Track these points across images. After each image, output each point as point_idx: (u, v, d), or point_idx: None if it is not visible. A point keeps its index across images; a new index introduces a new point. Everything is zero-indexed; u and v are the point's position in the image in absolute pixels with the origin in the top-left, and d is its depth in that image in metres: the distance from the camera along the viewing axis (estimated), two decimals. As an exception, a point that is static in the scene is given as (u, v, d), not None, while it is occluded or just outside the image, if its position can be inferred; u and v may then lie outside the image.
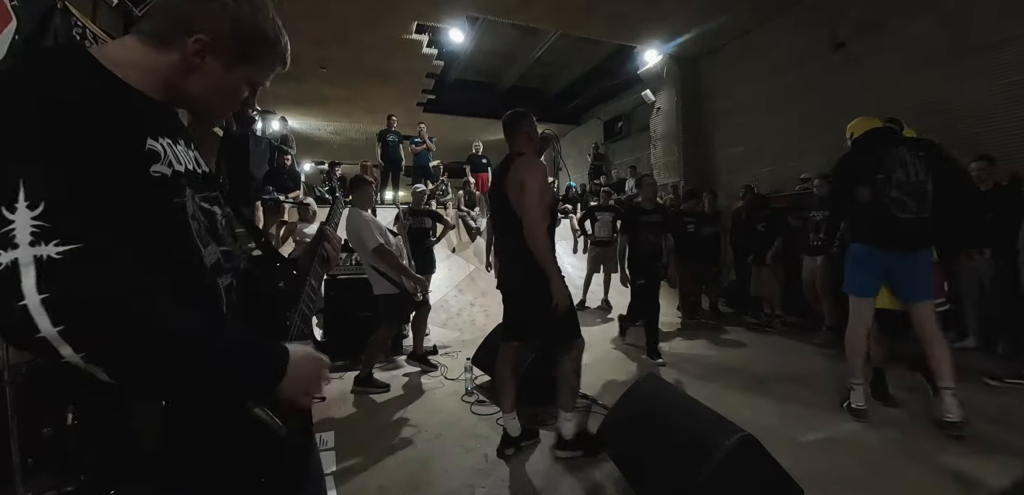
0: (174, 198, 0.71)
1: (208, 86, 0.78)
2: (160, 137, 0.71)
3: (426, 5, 6.48)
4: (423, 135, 9.20)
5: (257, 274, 0.94)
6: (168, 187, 0.70)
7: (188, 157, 0.79)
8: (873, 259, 2.70)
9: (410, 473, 2.40)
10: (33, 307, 0.51)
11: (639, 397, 2.26)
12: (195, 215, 0.75)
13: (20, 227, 0.53)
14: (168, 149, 0.72)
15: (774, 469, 1.69)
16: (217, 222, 0.82)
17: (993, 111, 4.45)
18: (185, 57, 0.74)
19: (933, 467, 2.25)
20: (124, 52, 0.72)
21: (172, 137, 0.75)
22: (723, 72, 7.68)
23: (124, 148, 0.64)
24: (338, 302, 4.46)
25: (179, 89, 0.76)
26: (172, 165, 0.71)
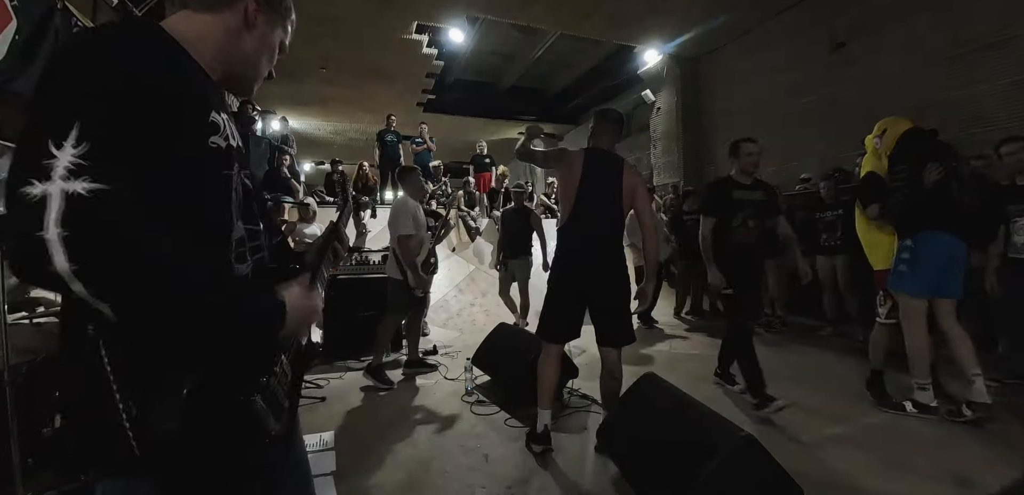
0: (224, 169, 0.77)
1: (260, 45, 0.85)
2: (219, 113, 0.76)
3: (426, 5, 6.48)
4: (424, 135, 9.19)
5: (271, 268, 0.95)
6: (221, 158, 0.75)
7: (236, 135, 0.84)
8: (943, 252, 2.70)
9: (410, 473, 2.40)
10: (51, 241, 0.53)
11: (639, 397, 2.26)
12: (236, 189, 0.80)
13: (60, 161, 0.56)
14: (225, 124, 0.77)
15: (774, 469, 1.69)
16: (252, 201, 0.87)
17: (993, 111, 4.45)
18: (245, 17, 0.81)
19: (933, 467, 2.25)
20: (184, 24, 0.77)
21: (227, 113, 0.80)
22: (723, 72, 7.68)
23: (190, 117, 0.71)
24: (338, 302, 4.45)
25: (232, 54, 0.82)
26: (227, 139, 0.77)
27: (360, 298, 4.49)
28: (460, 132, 12.38)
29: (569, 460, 2.45)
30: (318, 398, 3.47)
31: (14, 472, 1.73)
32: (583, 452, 2.53)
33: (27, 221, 0.54)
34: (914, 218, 2.78)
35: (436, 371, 4.06)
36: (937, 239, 2.70)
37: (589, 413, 3.02)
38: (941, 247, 2.70)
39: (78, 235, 0.55)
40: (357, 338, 4.45)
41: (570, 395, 3.28)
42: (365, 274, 4.68)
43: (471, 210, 8.38)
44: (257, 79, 0.91)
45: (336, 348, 4.40)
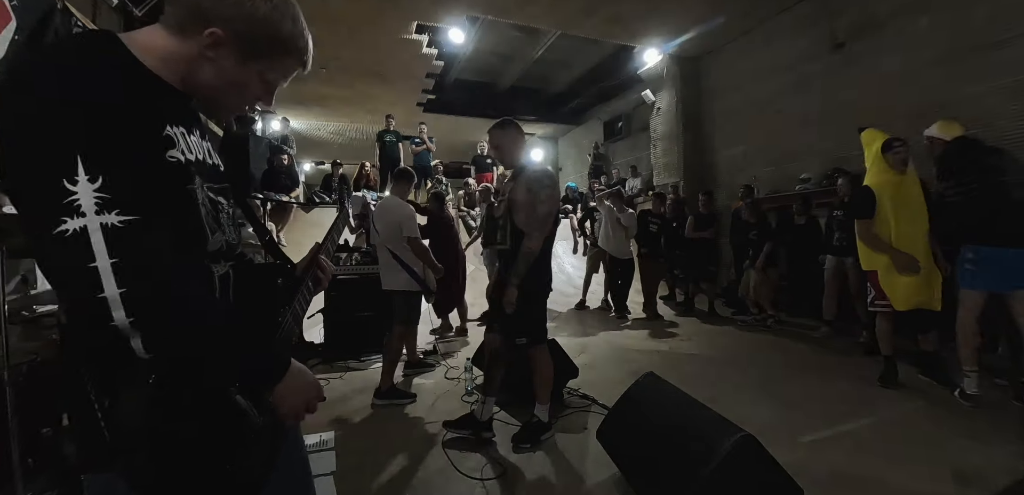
0: (186, 184, 0.75)
1: (220, 79, 0.80)
2: (175, 125, 0.75)
3: (426, 5, 6.48)
4: (423, 135, 9.19)
5: (258, 268, 0.96)
6: (181, 173, 0.74)
7: (200, 147, 0.82)
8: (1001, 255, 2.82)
9: (410, 473, 2.40)
10: (103, 270, 0.57)
11: (639, 397, 2.26)
12: (204, 203, 0.79)
13: (84, 197, 0.58)
14: (181, 138, 0.75)
15: (774, 469, 1.69)
16: (222, 212, 0.86)
17: (993, 111, 4.45)
18: (200, 48, 0.77)
19: (933, 467, 2.25)
20: (149, 40, 0.76)
21: (187, 126, 0.79)
22: (723, 72, 7.68)
23: (147, 133, 0.69)
24: (338, 302, 4.46)
25: (193, 79, 0.79)
26: (184, 153, 0.75)
27: (360, 298, 4.49)
28: (460, 132, 12.37)
29: (569, 460, 2.46)
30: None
31: (14, 472, 1.73)
32: (583, 452, 2.53)
33: (74, 255, 0.57)
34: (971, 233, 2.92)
35: (434, 370, 4.06)
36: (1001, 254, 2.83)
37: (589, 413, 3.02)
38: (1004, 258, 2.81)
39: (126, 262, 0.58)
40: (357, 338, 4.45)
41: (570, 395, 3.28)
42: (365, 274, 4.67)
43: (471, 210, 8.39)
44: (222, 109, 0.89)
45: (336, 348, 4.40)
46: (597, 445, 2.32)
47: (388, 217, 3.57)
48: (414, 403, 3.36)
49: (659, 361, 4.21)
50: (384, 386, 3.37)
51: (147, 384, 0.67)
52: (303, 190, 10.02)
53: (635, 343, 4.92)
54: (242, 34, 0.78)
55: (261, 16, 0.78)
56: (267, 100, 0.89)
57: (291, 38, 0.83)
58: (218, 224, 0.83)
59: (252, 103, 0.89)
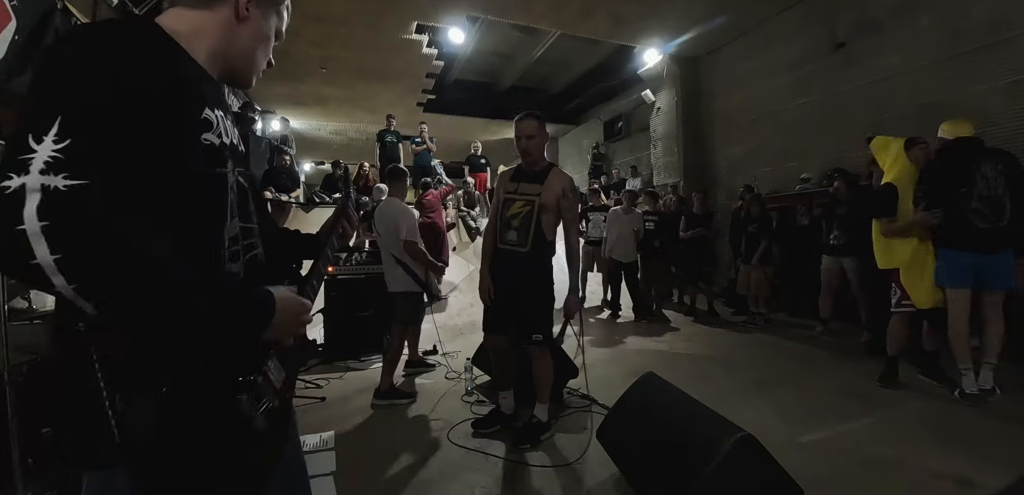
0: (217, 166, 0.77)
1: (255, 37, 0.84)
2: (215, 108, 0.77)
3: (426, 5, 6.48)
4: (424, 135, 9.19)
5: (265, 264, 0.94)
6: (214, 155, 0.76)
7: (232, 132, 0.84)
8: (961, 258, 3.00)
9: (410, 473, 2.40)
10: (32, 233, 0.53)
11: (639, 397, 2.26)
12: (232, 186, 0.80)
13: (39, 157, 0.55)
14: (220, 121, 0.78)
15: (774, 469, 1.69)
16: (248, 199, 0.88)
17: (993, 111, 4.45)
18: (236, 10, 0.80)
19: (933, 467, 2.25)
20: (179, 22, 0.76)
21: (223, 109, 0.81)
22: (723, 72, 7.68)
23: (183, 114, 0.70)
24: (338, 302, 4.46)
25: (228, 47, 0.81)
26: (221, 136, 0.77)
27: (360, 298, 4.49)
28: (460, 132, 12.37)
29: (569, 460, 2.45)
30: (318, 398, 3.47)
31: (14, 472, 1.73)
32: (583, 452, 2.53)
33: (5, 214, 0.53)
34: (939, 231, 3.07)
35: (433, 370, 4.06)
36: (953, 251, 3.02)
37: (589, 413, 3.02)
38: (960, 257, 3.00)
39: (59, 228, 0.54)
40: (357, 338, 4.45)
41: (570, 395, 3.28)
42: (362, 274, 4.67)
43: (471, 210, 8.39)
44: (254, 71, 0.90)
45: (336, 348, 4.40)
46: (597, 445, 2.32)
47: (387, 221, 3.56)
48: (414, 403, 3.36)
49: (659, 361, 4.21)
50: (384, 386, 3.37)
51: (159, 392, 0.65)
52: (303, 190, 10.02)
53: (635, 343, 4.92)
54: None
55: None
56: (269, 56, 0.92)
57: None
58: (241, 211, 0.84)
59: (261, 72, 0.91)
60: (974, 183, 2.96)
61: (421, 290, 3.54)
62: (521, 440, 2.60)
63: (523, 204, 2.53)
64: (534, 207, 2.49)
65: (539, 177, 2.54)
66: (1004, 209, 2.91)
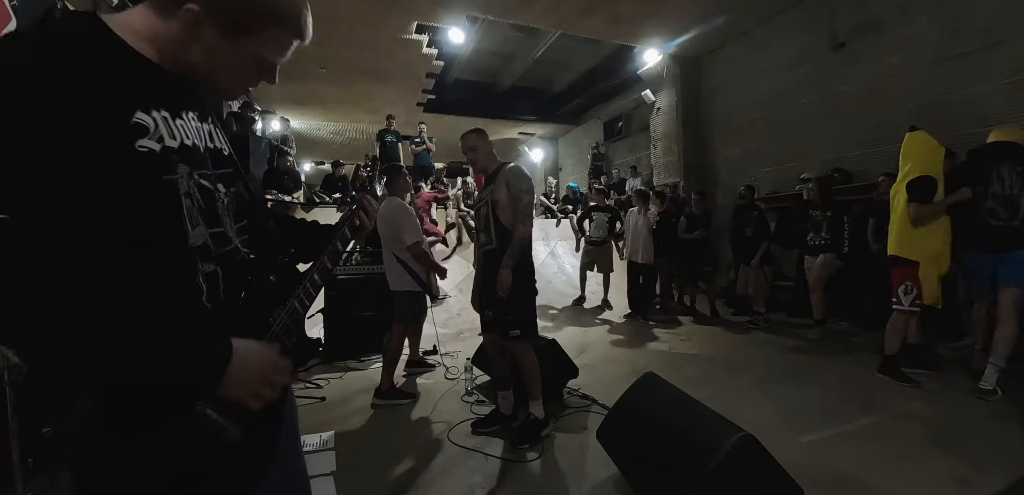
0: (163, 174, 0.68)
1: (209, 58, 0.74)
2: (155, 110, 0.68)
3: (426, 5, 6.47)
4: (423, 135, 9.19)
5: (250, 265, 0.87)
6: (155, 163, 0.67)
7: (194, 132, 0.76)
8: (978, 260, 3.18)
9: (410, 473, 2.40)
10: None
11: (639, 397, 2.26)
12: (190, 193, 0.72)
13: None
14: (162, 123, 0.69)
15: (774, 469, 1.69)
16: (217, 202, 0.79)
17: (993, 111, 4.45)
18: (183, 27, 0.71)
19: (933, 467, 2.25)
20: (137, 20, 0.72)
21: (175, 109, 0.73)
22: (723, 72, 7.68)
23: (104, 124, 0.62)
24: (338, 302, 4.46)
25: (184, 60, 0.74)
26: (163, 140, 0.69)
27: (360, 298, 4.49)
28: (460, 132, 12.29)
29: (569, 460, 2.46)
30: (318, 398, 3.47)
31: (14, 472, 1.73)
32: (583, 452, 2.53)
33: None
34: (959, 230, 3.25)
35: (433, 370, 4.06)
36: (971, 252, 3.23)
37: (589, 413, 3.02)
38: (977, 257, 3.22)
39: None
40: (357, 338, 4.45)
41: (570, 395, 3.28)
42: (362, 274, 4.67)
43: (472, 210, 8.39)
44: (217, 89, 0.81)
45: (336, 348, 4.40)
46: (597, 445, 2.32)
47: (388, 221, 3.55)
48: (414, 403, 3.36)
49: (659, 361, 4.21)
50: (384, 386, 3.37)
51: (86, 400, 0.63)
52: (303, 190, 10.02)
53: (635, 343, 4.92)
54: (222, 9, 0.71)
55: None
56: (269, 78, 0.83)
57: (283, 10, 0.77)
58: (207, 217, 0.76)
59: (253, 82, 0.83)
60: (990, 182, 3.07)
61: (422, 290, 3.53)
62: (520, 440, 2.60)
63: (484, 206, 2.72)
64: (489, 205, 2.66)
65: (492, 179, 2.73)
66: (1018, 208, 2.99)
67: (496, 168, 2.74)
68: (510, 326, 2.61)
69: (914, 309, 3.29)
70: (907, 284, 3.28)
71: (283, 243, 1.04)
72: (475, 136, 2.78)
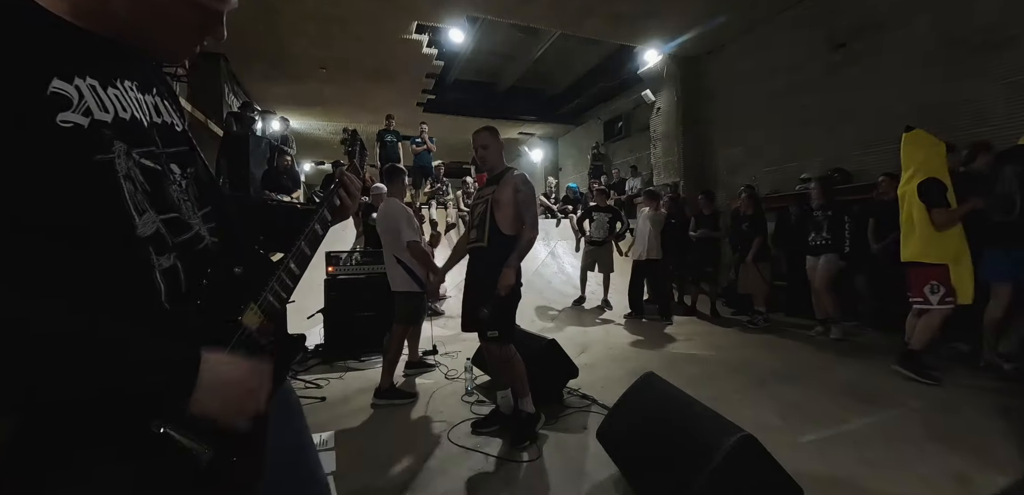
0: (95, 154, 0.57)
1: (134, 6, 0.62)
2: (78, 77, 0.57)
3: (426, 5, 6.48)
4: (424, 135, 9.19)
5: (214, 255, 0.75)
6: (83, 140, 0.56)
7: (133, 103, 0.65)
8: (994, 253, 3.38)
9: (410, 473, 2.40)
10: None
11: (639, 397, 2.26)
12: (130, 175, 0.61)
13: None
14: (89, 92, 0.58)
15: (774, 469, 1.69)
16: (166, 185, 0.67)
17: (993, 111, 4.45)
18: None
19: (933, 466, 2.25)
20: None
21: (105, 77, 0.61)
22: (723, 72, 7.68)
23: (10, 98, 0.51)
24: (338, 302, 4.45)
25: (108, 15, 0.62)
26: (91, 113, 0.57)
27: (360, 298, 4.48)
28: (460, 132, 12.33)
29: (569, 460, 2.46)
30: (318, 398, 3.47)
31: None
32: (583, 452, 2.53)
33: None
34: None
35: (433, 370, 4.06)
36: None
37: (589, 413, 3.02)
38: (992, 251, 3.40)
39: None
40: (357, 338, 4.45)
41: (570, 395, 3.28)
42: (363, 274, 4.66)
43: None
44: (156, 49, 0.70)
45: (336, 348, 4.40)
46: (597, 445, 2.32)
47: (388, 221, 3.56)
48: (414, 403, 3.36)
49: (659, 361, 4.21)
50: (384, 386, 3.37)
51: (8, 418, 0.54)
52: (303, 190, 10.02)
53: (635, 343, 4.92)
54: None
55: None
56: (216, 32, 0.72)
57: None
58: (156, 201, 0.64)
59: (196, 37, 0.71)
60: (994, 182, 3.31)
61: (422, 290, 3.53)
62: (519, 440, 2.60)
63: (482, 204, 2.72)
64: (489, 204, 2.66)
65: (496, 180, 2.73)
66: (1013, 204, 3.19)
67: (502, 171, 2.74)
68: (488, 327, 2.60)
69: (945, 306, 3.27)
70: (933, 283, 3.29)
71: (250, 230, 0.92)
72: (489, 134, 2.79)
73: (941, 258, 3.29)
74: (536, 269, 7.54)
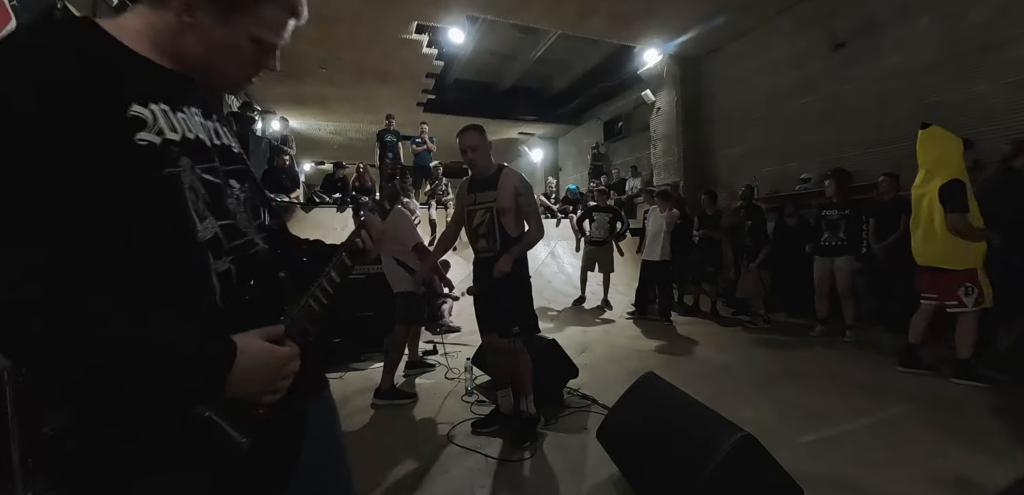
0: (165, 167, 0.66)
1: (206, 45, 0.73)
2: (152, 103, 0.67)
3: (426, 5, 6.48)
4: (424, 135, 9.19)
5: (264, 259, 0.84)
6: (155, 155, 0.65)
7: (198, 126, 0.75)
8: None
9: (410, 473, 2.40)
10: None
11: (639, 397, 2.26)
12: (193, 187, 0.70)
13: None
14: (161, 116, 0.68)
15: (774, 469, 1.69)
16: (225, 196, 0.77)
17: (993, 111, 4.45)
18: (176, 15, 0.70)
19: (933, 466, 2.25)
20: (130, 19, 0.72)
21: (174, 102, 0.72)
22: (723, 72, 7.68)
23: (98, 119, 0.60)
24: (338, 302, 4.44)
25: (182, 52, 0.73)
26: (163, 133, 0.67)
27: (360, 298, 4.48)
28: (460, 132, 12.39)
29: (569, 460, 2.46)
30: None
31: (14, 472, 1.73)
32: (583, 452, 2.53)
33: None
34: None
35: (433, 370, 4.06)
36: None
37: (589, 413, 3.02)
38: None
39: None
40: (357, 338, 4.45)
41: (570, 395, 3.28)
42: (364, 274, 4.66)
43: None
44: (223, 82, 0.80)
45: (336, 348, 4.40)
46: (597, 445, 2.32)
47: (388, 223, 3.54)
48: (414, 403, 3.36)
49: (659, 361, 4.21)
50: (384, 386, 3.37)
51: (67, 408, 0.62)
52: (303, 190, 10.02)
53: (635, 343, 4.92)
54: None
55: None
56: (269, 63, 0.80)
57: None
58: (215, 210, 0.73)
59: (253, 69, 0.80)
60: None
61: (422, 290, 3.54)
62: (520, 440, 2.60)
63: (483, 212, 2.65)
64: (493, 213, 2.61)
65: (491, 183, 2.64)
66: None
67: (496, 171, 2.69)
68: (512, 324, 2.61)
69: (978, 308, 3.23)
70: (967, 285, 3.24)
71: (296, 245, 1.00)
72: (476, 134, 2.66)
73: (970, 262, 3.25)
74: (536, 269, 7.53)
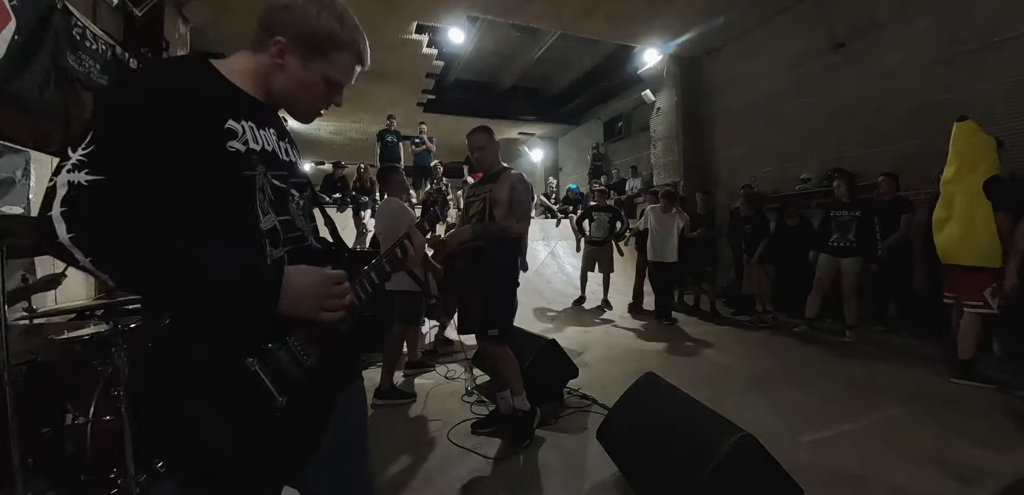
0: (244, 169, 0.85)
1: (290, 82, 0.94)
2: (244, 120, 0.87)
3: (426, 5, 6.48)
4: (423, 135, 9.19)
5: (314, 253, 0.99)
6: (240, 160, 0.85)
7: (274, 143, 0.95)
8: None
9: (409, 473, 2.40)
10: (55, 218, 0.68)
11: (639, 397, 2.26)
12: (263, 188, 0.88)
13: (70, 161, 0.70)
14: (249, 131, 0.87)
15: (774, 469, 1.69)
16: (288, 200, 0.95)
17: (993, 111, 4.45)
18: (271, 57, 0.92)
19: (933, 466, 2.25)
20: (236, 61, 0.93)
21: (260, 123, 0.91)
22: (723, 72, 7.68)
23: (204, 126, 0.81)
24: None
25: (273, 88, 0.94)
26: (247, 143, 0.86)
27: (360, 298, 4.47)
28: (460, 132, 12.30)
29: (569, 460, 2.46)
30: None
31: (14, 472, 1.73)
32: (583, 452, 2.53)
33: (44, 205, 0.69)
34: None
35: (433, 370, 4.06)
36: None
37: (589, 413, 3.02)
38: None
39: (75, 214, 0.68)
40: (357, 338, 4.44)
41: (570, 395, 3.28)
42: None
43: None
44: (299, 110, 0.99)
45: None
46: (597, 445, 2.32)
47: (389, 221, 3.54)
48: (414, 403, 3.36)
49: (659, 361, 4.21)
50: (384, 386, 3.37)
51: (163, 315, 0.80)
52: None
53: (635, 343, 4.92)
54: (300, 37, 0.91)
55: (312, 18, 0.92)
56: (337, 98, 1.01)
57: (344, 36, 0.96)
58: (277, 208, 0.91)
59: (323, 103, 1.00)
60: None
61: (420, 290, 3.52)
62: (518, 439, 2.60)
63: (479, 202, 2.71)
64: (486, 201, 2.66)
65: (494, 179, 2.72)
66: None
67: (500, 170, 2.73)
68: (488, 325, 2.61)
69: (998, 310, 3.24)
70: (994, 286, 3.22)
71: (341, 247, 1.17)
72: (485, 135, 2.75)
73: (998, 261, 3.22)
74: (536, 269, 7.53)
